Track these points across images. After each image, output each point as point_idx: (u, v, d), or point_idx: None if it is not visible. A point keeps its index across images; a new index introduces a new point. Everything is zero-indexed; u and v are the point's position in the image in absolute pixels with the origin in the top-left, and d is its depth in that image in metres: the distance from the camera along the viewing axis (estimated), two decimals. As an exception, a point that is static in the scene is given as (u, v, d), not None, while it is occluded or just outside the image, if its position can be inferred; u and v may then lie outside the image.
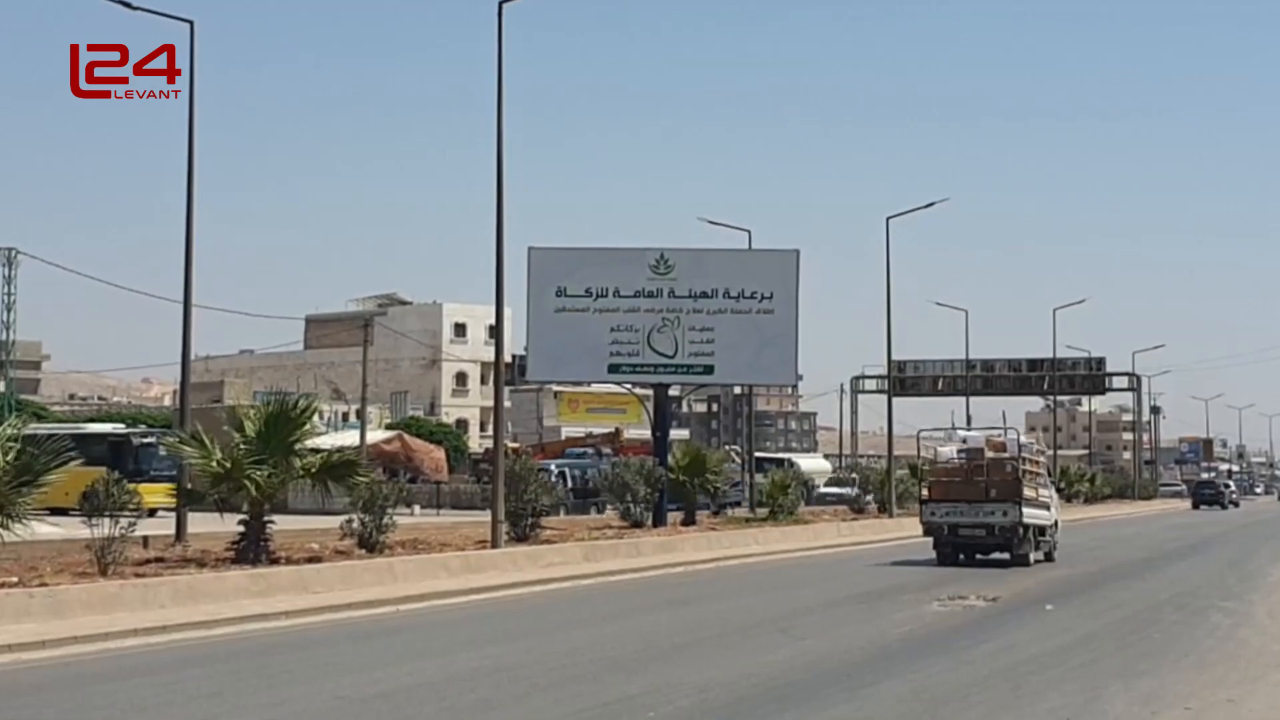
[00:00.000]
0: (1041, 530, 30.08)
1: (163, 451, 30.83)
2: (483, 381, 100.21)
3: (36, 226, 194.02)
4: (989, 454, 29.75)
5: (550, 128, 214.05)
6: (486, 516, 28.32)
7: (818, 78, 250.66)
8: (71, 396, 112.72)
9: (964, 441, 32.28)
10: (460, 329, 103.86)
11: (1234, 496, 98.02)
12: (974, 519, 29.03)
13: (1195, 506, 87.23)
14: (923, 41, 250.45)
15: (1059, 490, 42.45)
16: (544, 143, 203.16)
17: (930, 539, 29.64)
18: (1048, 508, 30.69)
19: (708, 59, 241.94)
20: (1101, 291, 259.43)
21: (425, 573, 22.36)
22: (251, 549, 21.09)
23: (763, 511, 42.96)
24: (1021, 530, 28.69)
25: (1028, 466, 29.95)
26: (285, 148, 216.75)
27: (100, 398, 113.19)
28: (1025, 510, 28.68)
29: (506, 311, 28.79)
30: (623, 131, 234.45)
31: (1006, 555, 28.80)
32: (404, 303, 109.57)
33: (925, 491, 30.87)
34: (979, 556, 29.14)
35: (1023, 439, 32.79)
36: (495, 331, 28.58)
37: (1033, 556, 29.22)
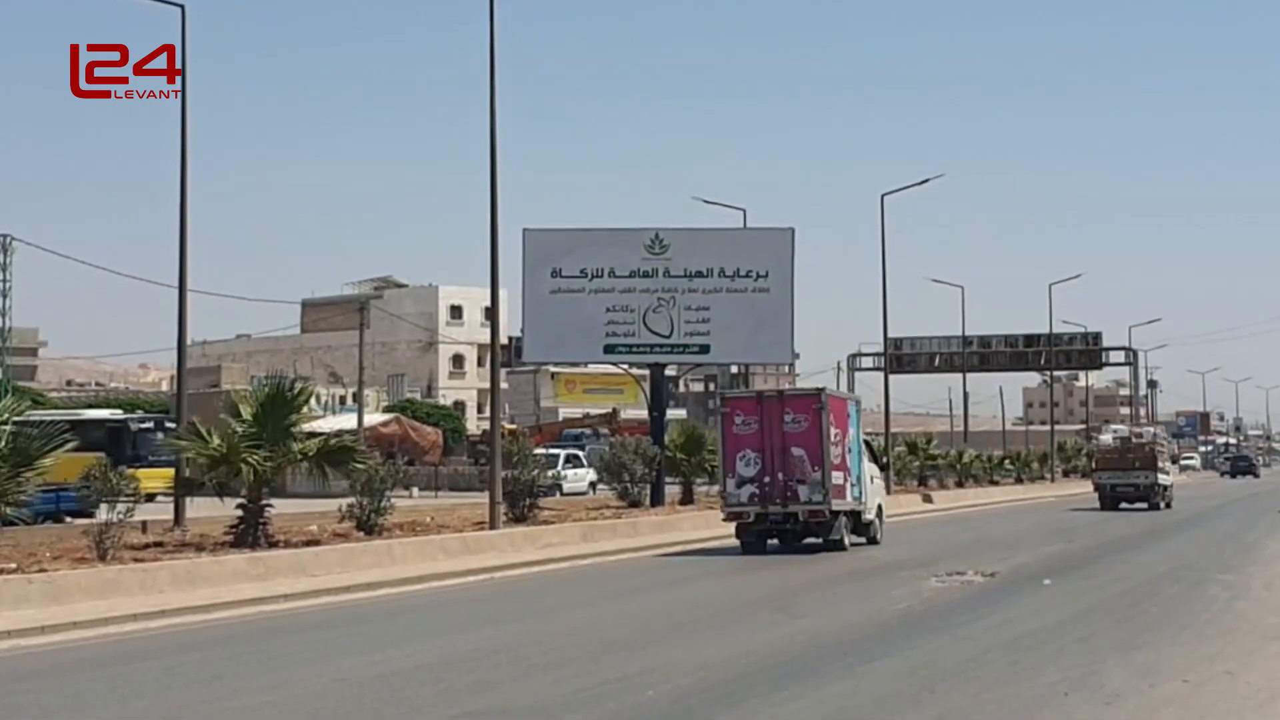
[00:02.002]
0: (1166, 488, 46.58)
1: (160, 437, 30.83)
2: (479, 363, 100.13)
3: (32, 212, 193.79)
4: (1133, 440, 47.90)
5: (544, 109, 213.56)
6: (484, 498, 28.35)
7: (811, 55, 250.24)
8: (69, 383, 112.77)
9: (1115, 433, 53.74)
10: (456, 311, 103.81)
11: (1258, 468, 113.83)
12: (1126, 480, 45.97)
13: (1232, 476, 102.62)
14: (916, 17, 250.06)
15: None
16: (538, 124, 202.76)
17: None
18: (1168, 474, 48.80)
19: (701, 38, 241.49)
20: (1097, 266, 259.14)
21: (423, 555, 22.39)
22: (250, 533, 21.11)
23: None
24: (1158, 488, 45.48)
25: (1157, 449, 47.15)
26: (279, 131, 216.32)
27: (97, 384, 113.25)
28: (1158, 477, 45.70)
29: (502, 293, 28.80)
30: (617, 112, 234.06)
31: (1144, 504, 44.89)
32: (400, 285, 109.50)
33: (1094, 464, 50.23)
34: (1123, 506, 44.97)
35: (1151, 431, 52.37)
36: (491, 313, 28.57)
37: (1157, 501, 45.14)
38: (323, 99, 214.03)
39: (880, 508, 29.32)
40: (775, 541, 26.13)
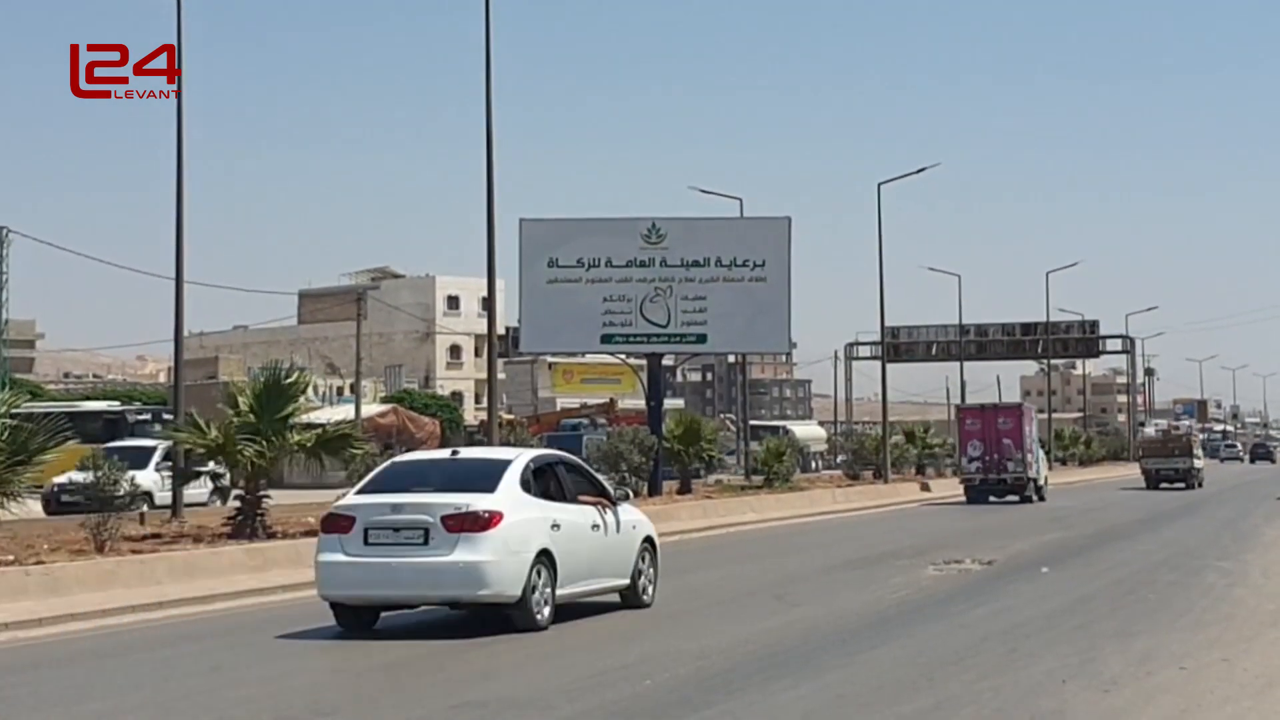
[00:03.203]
0: (1199, 470, 55.87)
1: (157, 429, 30.86)
2: (477, 354, 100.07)
3: (29, 204, 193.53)
4: (1173, 432, 59.28)
5: (540, 99, 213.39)
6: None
7: (808, 44, 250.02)
8: (66, 375, 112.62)
9: (1156, 426, 65.93)
10: (453, 301, 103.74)
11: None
12: (1168, 465, 55.46)
13: (1252, 461, 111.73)
14: (913, 5, 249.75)
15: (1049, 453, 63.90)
16: (535, 114, 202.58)
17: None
18: (1200, 459, 58.15)
19: (696, 26, 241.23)
20: (1094, 254, 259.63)
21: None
22: (248, 524, 21.09)
23: (758, 479, 43.05)
24: (1194, 471, 54.79)
25: (1192, 439, 57.79)
26: (275, 122, 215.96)
27: (95, 376, 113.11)
28: (1194, 462, 55.41)
29: (499, 283, 28.83)
30: (613, 101, 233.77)
31: (1182, 485, 53.33)
32: (397, 276, 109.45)
33: (1140, 452, 61.26)
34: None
35: (1186, 424, 66.78)
36: (488, 304, 28.57)
37: (1193, 482, 53.95)
38: (318, 89, 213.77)
39: (1046, 477, 47.29)
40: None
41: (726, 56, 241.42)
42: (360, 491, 14.57)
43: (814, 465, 73.29)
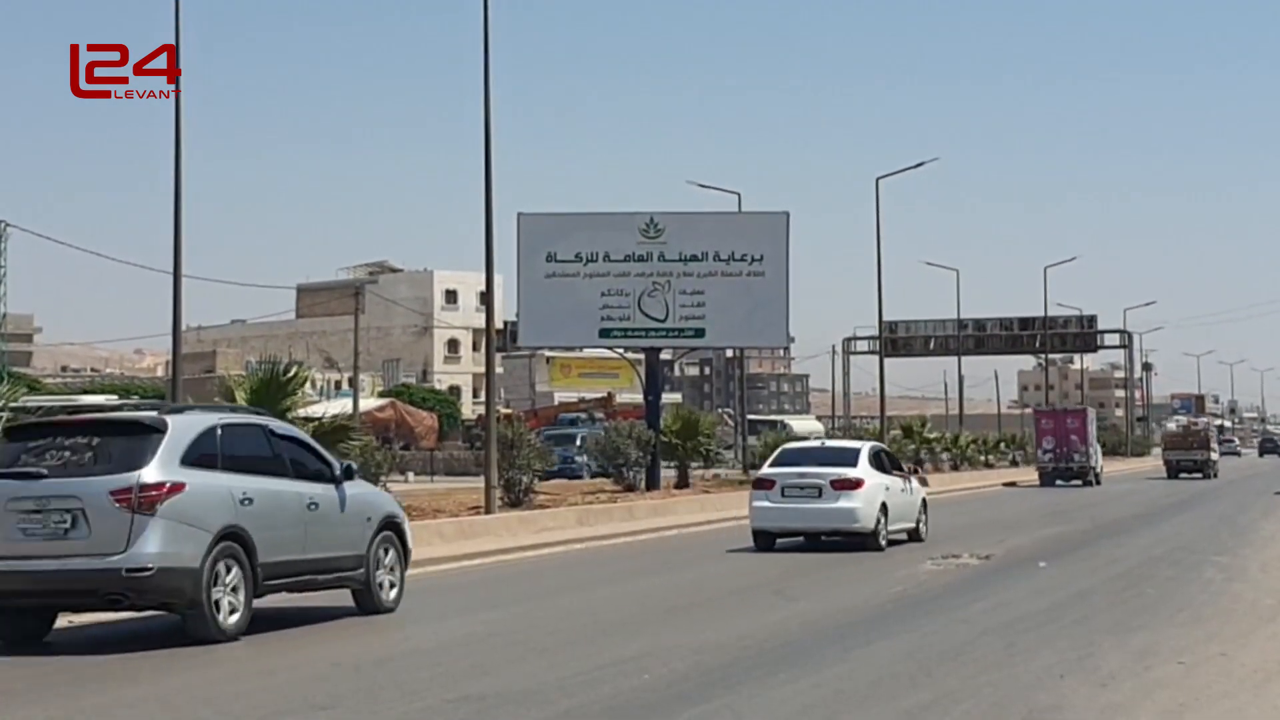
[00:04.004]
0: (1215, 462, 62.88)
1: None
2: (475, 348, 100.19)
3: (27, 198, 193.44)
4: (1192, 428, 65.17)
5: (539, 93, 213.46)
6: (480, 482, 28.35)
7: (806, 38, 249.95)
8: (64, 368, 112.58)
9: (1177, 422, 71.34)
10: (451, 296, 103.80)
11: None
12: (1187, 457, 61.93)
13: (1260, 455, 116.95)
14: (911, 1, 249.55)
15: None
16: (533, 108, 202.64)
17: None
18: (1216, 452, 65.46)
19: (696, 22, 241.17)
20: (1092, 249, 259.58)
21: (419, 539, 22.17)
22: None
23: (756, 473, 43.05)
24: (1210, 463, 61.50)
25: (1209, 433, 64.87)
26: (274, 117, 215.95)
27: (93, 369, 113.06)
28: (1210, 455, 62.17)
29: (497, 278, 28.81)
30: (611, 96, 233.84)
31: (1200, 475, 59.59)
32: (395, 270, 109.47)
33: (1163, 445, 68.56)
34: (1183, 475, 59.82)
35: (1204, 420, 73.40)
36: (486, 298, 28.54)
37: (1210, 473, 60.30)
38: (317, 84, 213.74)
39: (1102, 466, 58.31)
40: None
41: (725, 52, 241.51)
42: (772, 465, 24.19)
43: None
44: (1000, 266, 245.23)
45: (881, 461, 23.77)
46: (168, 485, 12.14)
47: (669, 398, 62.49)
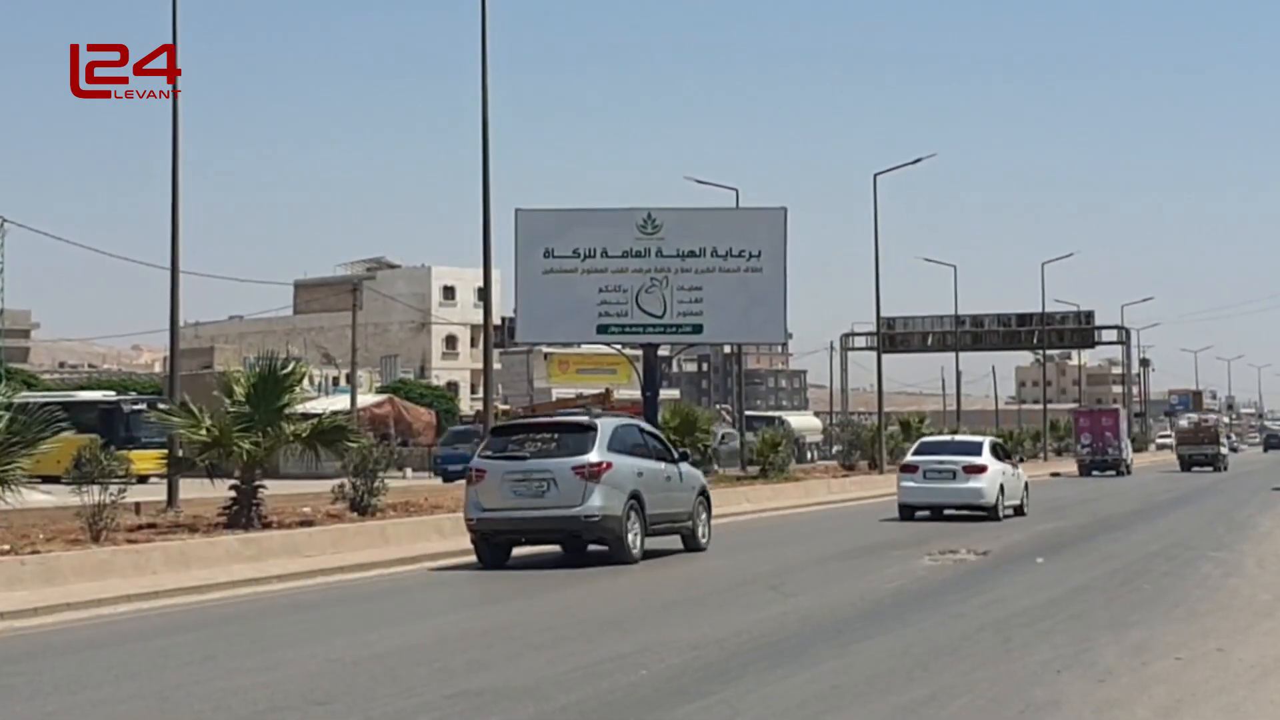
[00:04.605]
0: (1224, 456, 69.36)
1: (152, 420, 30.85)
2: (472, 344, 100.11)
3: (24, 194, 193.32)
4: (1203, 424, 72.97)
5: (536, 89, 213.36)
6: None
7: (804, 35, 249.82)
8: (61, 365, 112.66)
9: (1189, 419, 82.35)
10: (449, 292, 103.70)
11: None
12: (1199, 451, 67.80)
13: (1265, 451, 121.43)
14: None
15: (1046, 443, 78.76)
16: (531, 105, 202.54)
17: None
18: (1225, 446, 72.75)
19: (693, 18, 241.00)
20: (1090, 245, 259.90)
21: (417, 535, 22.40)
22: (243, 514, 21.10)
23: (754, 469, 43.08)
24: (1220, 456, 67.54)
25: (1219, 429, 72.61)
26: (271, 112, 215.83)
27: (90, 365, 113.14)
28: (1220, 449, 68.86)
29: (495, 274, 28.80)
30: (609, 92, 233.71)
31: (1210, 468, 65.54)
32: (392, 266, 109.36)
33: (1175, 440, 76.93)
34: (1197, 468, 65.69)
35: (1214, 417, 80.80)
36: (484, 294, 28.54)
37: (1220, 466, 66.48)
38: (315, 80, 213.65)
39: (1132, 458, 66.89)
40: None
41: (723, 48, 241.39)
42: (914, 454, 30.80)
43: (809, 456, 73.37)
44: (998, 262, 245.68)
45: (998, 452, 30.83)
46: (604, 464, 19.20)
47: (667, 394, 62.42)
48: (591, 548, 19.89)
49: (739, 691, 9.72)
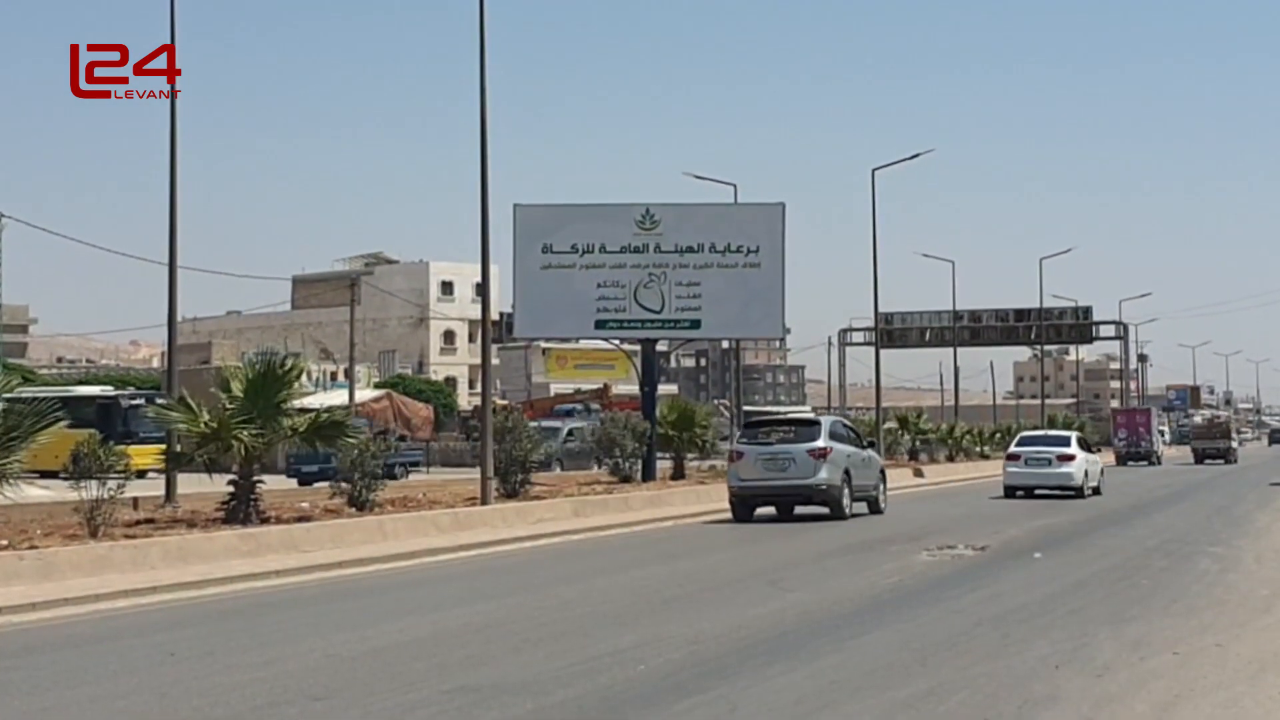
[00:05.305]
0: (1235, 450, 75.40)
1: (150, 414, 30.86)
2: (471, 339, 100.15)
3: (22, 189, 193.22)
4: (1215, 420, 78.93)
5: (535, 85, 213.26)
6: (476, 474, 28.37)
7: (803, 30, 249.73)
8: (59, 359, 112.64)
9: (1203, 415, 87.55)
10: (447, 287, 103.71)
11: None
12: (1211, 445, 74.20)
13: (1270, 445, 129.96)
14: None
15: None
16: (529, 100, 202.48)
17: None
18: (1236, 441, 78.63)
19: (692, 13, 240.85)
20: (1088, 241, 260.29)
21: (415, 530, 22.40)
22: (241, 509, 21.10)
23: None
24: (1231, 450, 73.76)
25: (1230, 424, 78.72)
26: (269, 108, 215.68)
27: (88, 360, 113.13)
28: (1231, 443, 74.86)
29: (493, 269, 28.75)
30: (608, 88, 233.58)
31: (1222, 460, 71.16)
32: (390, 262, 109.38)
33: (1189, 435, 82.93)
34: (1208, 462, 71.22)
35: (1225, 414, 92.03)
36: (482, 289, 28.51)
37: (1231, 459, 71.60)
38: (313, 76, 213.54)
39: (1163, 452, 77.20)
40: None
41: (721, 43, 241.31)
42: (1016, 445, 37.91)
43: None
44: (996, 258, 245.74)
45: (1082, 444, 38.51)
46: (828, 448, 27.23)
47: (665, 389, 62.42)
48: (798, 510, 27.92)
49: (737, 687, 9.72)
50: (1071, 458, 36.12)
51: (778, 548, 21.78)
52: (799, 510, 27.99)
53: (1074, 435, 39.52)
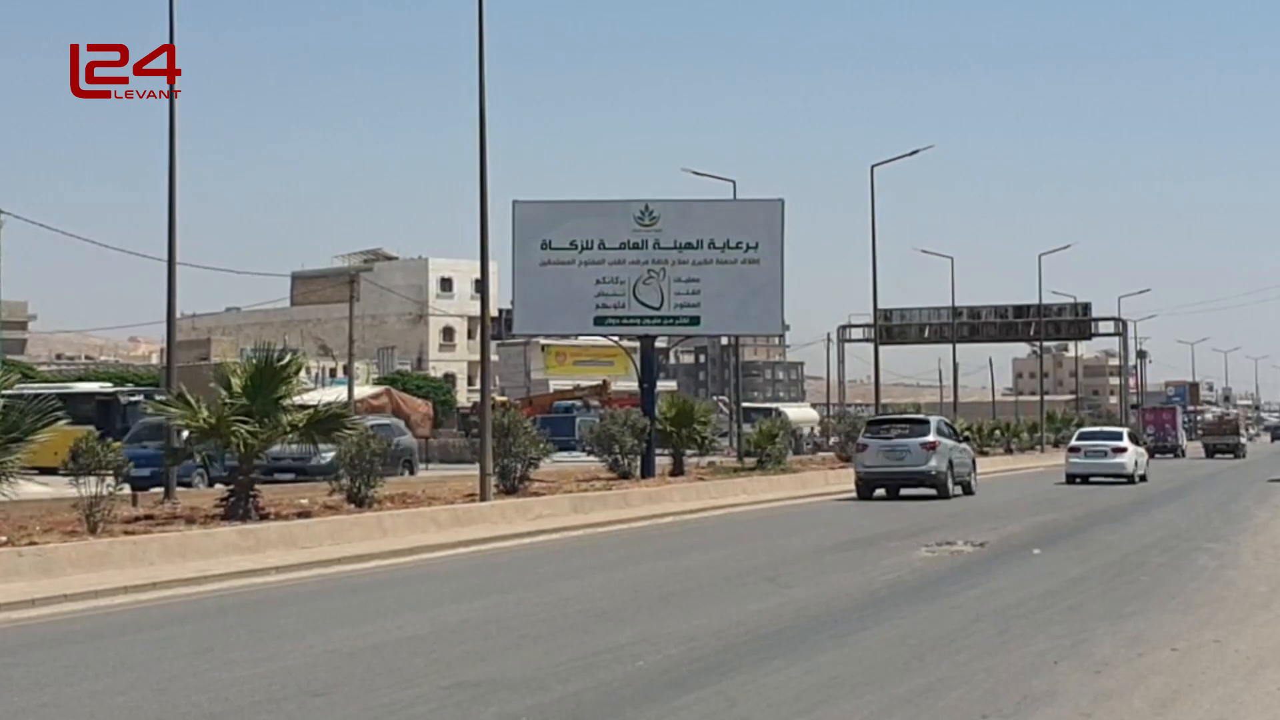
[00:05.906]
0: (1243, 445, 79.83)
1: (149, 412, 30.84)
2: (469, 336, 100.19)
3: (21, 186, 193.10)
4: (1225, 417, 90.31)
5: (534, 81, 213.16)
6: (475, 470, 28.35)
7: (802, 27, 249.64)
8: (58, 356, 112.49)
9: (1213, 413, 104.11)
10: (446, 284, 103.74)
11: None
12: (1221, 441, 79.17)
13: (1272, 441, 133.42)
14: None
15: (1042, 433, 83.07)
16: (528, 97, 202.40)
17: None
18: (1244, 437, 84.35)
19: (690, 10, 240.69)
20: (1087, 237, 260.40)
21: (414, 527, 22.40)
22: (240, 505, 21.10)
23: (751, 461, 43.07)
24: (1240, 445, 78.64)
25: (1240, 421, 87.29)
26: (269, 105, 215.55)
27: (87, 357, 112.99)
28: (1240, 439, 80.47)
29: (492, 265, 28.74)
30: (606, 84, 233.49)
31: (1231, 455, 75.76)
32: (390, 258, 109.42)
33: (1200, 430, 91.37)
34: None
35: (1235, 411, 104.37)
36: (481, 286, 28.51)
37: (1240, 454, 75.68)
38: (312, 72, 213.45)
39: (1185, 445, 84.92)
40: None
41: (720, 39, 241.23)
42: (1077, 439, 45.71)
43: (806, 447, 73.37)
44: (995, 254, 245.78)
45: (1133, 438, 45.98)
46: (936, 441, 33.78)
47: (664, 385, 62.43)
48: (905, 491, 34.03)
49: (736, 683, 9.73)
50: (1124, 450, 43.07)
51: (776, 544, 21.78)
52: (905, 492, 34.17)
53: (1125, 431, 47.98)
